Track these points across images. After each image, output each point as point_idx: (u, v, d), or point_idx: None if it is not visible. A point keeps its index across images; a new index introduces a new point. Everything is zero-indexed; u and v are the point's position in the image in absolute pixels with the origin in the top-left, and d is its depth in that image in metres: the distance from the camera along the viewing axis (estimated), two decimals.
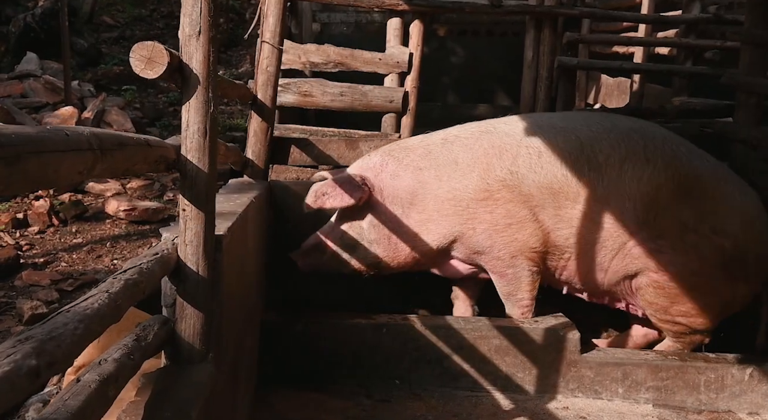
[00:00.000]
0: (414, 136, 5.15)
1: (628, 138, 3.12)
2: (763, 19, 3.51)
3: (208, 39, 1.83)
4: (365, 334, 3.42)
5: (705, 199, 3.08)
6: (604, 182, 3.05)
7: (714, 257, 3.08)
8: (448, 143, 3.33)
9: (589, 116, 3.45)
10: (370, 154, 3.46)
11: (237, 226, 2.42)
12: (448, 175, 3.23)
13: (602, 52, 7.13)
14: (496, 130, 3.30)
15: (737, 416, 3.14)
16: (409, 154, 3.34)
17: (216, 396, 2.00)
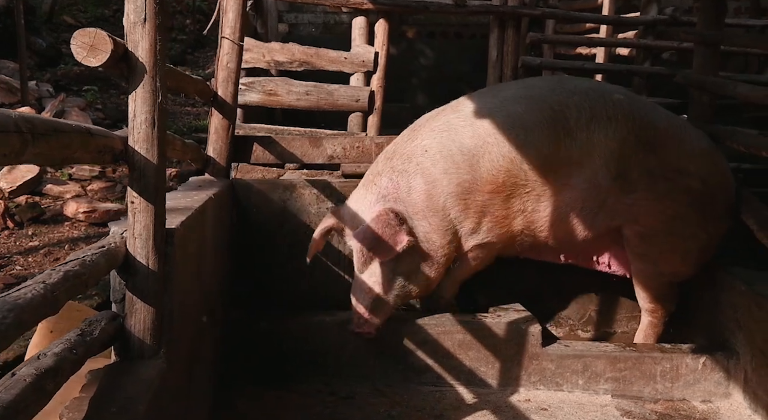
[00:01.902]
0: (382, 134, 5.20)
1: (589, 98, 3.17)
2: (713, 21, 3.59)
3: (155, 26, 1.80)
4: (330, 331, 3.41)
5: (665, 145, 3.17)
6: (578, 145, 3.10)
7: (686, 198, 3.19)
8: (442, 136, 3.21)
9: (548, 82, 3.42)
10: (376, 177, 3.20)
11: (192, 221, 2.38)
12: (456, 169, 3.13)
13: (567, 52, 7.22)
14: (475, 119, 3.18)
15: (691, 404, 3.19)
16: (411, 159, 3.16)
17: (167, 392, 1.95)
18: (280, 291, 3.78)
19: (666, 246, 3.25)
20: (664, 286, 3.38)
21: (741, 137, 3.28)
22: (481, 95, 3.33)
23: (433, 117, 3.26)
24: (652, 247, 3.25)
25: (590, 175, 3.10)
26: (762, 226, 3.05)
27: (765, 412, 2.94)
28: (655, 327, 3.45)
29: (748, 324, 3.08)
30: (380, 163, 3.23)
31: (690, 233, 3.25)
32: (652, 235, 3.22)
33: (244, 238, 3.75)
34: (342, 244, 3.84)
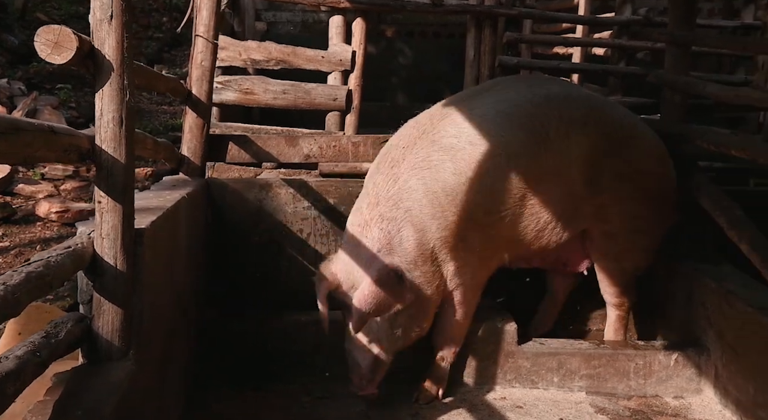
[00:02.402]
0: (358, 133, 5.19)
1: (565, 104, 3.14)
2: (684, 21, 3.62)
3: (122, 23, 1.78)
4: (306, 331, 3.39)
5: (628, 146, 3.21)
6: (557, 157, 3.07)
7: (646, 197, 3.28)
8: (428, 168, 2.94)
9: (521, 89, 3.20)
10: (365, 229, 2.90)
11: (163, 221, 2.35)
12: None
13: (544, 52, 7.27)
14: (468, 144, 2.96)
15: (664, 400, 3.22)
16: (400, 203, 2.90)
17: (137, 394, 1.93)
18: (255, 290, 3.76)
19: (629, 244, 3.31)
20: (628, 281, 3.43)
21: (711, 136, 3.31)
22: (455, 113, 3.04)
23: (409, 148, 2.96)
24: (617, 246, 3.30)
25: (568, 184, 3.11)
26: (732, 224, 3.09)
27: (735, 407, 2.98)
28: (622, 320, 3.50)
29: (718, 321, 3.11)
30: (365, 211, 2.91)
31: (650, 230, 3.34)
32: (617, 234, 3.27)
33: (220, 237, 3.72)
34: (319, 244, 3.83)
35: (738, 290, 3.03)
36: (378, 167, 3.01)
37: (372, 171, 3.06)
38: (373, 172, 3.03)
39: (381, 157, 3.06)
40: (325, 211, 3.82)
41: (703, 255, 3.48)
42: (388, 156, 3.00)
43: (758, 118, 5.70)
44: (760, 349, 2.80)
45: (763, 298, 2.91)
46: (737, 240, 3.05)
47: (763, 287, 2.98)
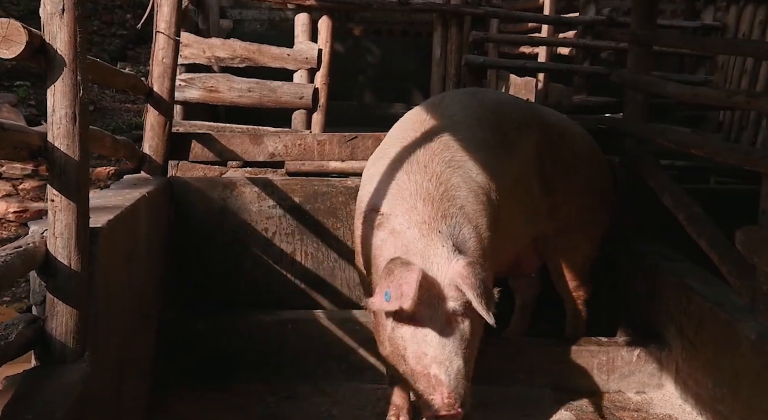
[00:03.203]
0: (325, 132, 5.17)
1: (516, 108, 3.23)
2: (646, 21, 3.68)
3: (74, 18, 1.74)
4: (270, 330, 3.37)
5: (566, 142, 3.31)
6: (518, 160, 3.09)
7: (592, 187, 3.37)
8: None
9: (475, 98, 3.16)
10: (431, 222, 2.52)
11: (121, 220, 2.31)
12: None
13: (511, 52, 7.32)
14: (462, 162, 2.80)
15: (626, 395, 3.26)
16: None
17: (92, 397, 1.89)
18: (219, 290, 3.73)
19: (579, 236, 3.37)
20: (582, 274, 3.47)
21: (671, 135, 3.37)
22: (437, 119, 2.91)
23: (430, 149, 2.75)
24: (569, 241, 3.35)
25: (528, 186, 3.15)
26: (691, 221, 3.14)
27: (694, 402, 3.03)
28: (581, 313, 3.52)
29: (679, 316, 3.16)
30: (423, 209, 2.56)
31: (598, 220, 3.42)
32: (569, 229, 3.32)
33: (183, 237, 3.68)
34: (284, 243, 3.81)
35: (697, 286, 3.07)
36: (404, 167, 2.68)
37: (391, 171, 2.71)
38: (401, 173, 2.67)
39: (397, 160, 2.73)
40: (290, 210, 3.80)
41: (665, 252, 3.53)
42: (409, 158, 2.71)
43: (718, 117, 5.81)
44: (718, 344, 2.85)
45: (720, 294, 2.96)
46: (696, 237, 3.10)
47: (721, 283, 3.03)
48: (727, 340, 2.77)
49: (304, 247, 3.82)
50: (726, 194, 4.12)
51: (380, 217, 2.58)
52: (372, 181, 2.76)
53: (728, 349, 2.76)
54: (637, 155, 3.67)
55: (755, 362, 2.58)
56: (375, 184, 2.72)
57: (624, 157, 3.80)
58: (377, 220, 2.58)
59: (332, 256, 3.81)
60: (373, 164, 2.88)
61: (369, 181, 2.80)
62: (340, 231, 3.80)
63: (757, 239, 2.62)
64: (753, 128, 5.35)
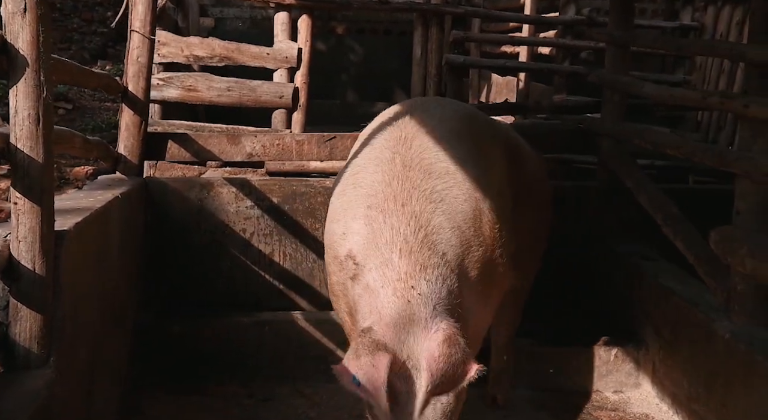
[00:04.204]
0: (307, 131, 5.14)
1: (482, 121, 2.95)
2: (623, 22, 3.68)
3: (36, 17, 1.70)
4: (247, 332, 3.35)
5: (522, 155, 3.04)
6: (495, 177, 2.74)
7: (542, 201, 3.11)
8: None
9: (447, 108, 2.84)
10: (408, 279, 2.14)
11: (90, 222, 2.28)
12: None
13: (492, 51, 7.34)
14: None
15: (604, 395, 3.27)
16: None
17: (58, 403, 1.86)
18: (197, 292, 3.69)
19: (532, 255, 3.05)
20: (524, 299, 3.15)
21: (648, 135, 3.37)
22: (419, 135, 2.55)
23: (408, 180, 2.39)
24: (523, 260, 2.94)
25: (507, 203, 2.77)
26: (668, 221, 3.15)
27: (671, 401, 3.04)
28: (513, 342, 3.19)
29: (656, 316, 3.17)
30: (400, 263, 2.21)
31: (545, 236, 3.14)
32: (525, 247, 2.93)
33: (160, 238, 3.64)
34: (263, 244, 3.78)
35: (674, 286, 3.08)
36: (378, 205, 2.31)
37: (363, 209, 2.32)
38: (375, 213, 2.29)
39: (370, 192, 2.36)
40: (268, 211, 3.77)
41: (643, 252, 3.54)
42: (384, 193, 2.34)
43: (696, 117, 5.85)
44: (694, 343, 2.86)
45: (696, 294, 2.97)
46: (672, 237, 3.11)
47: (697, 283, 3.04)
48: (702, 339, 2.79)
49: (283, 247, 3.80)
50: (704, 194, 4.13)
51: (355, 267, 2.21)
52: (344, 217, 2.37)
53: (703, 349, 2.78)
54: (615, 155, 3.68)
55: (729, 361, 2.59)
56: (348, 223, 2.33)
57: (602, 157, 3.80)
58: (353, 270, 2.22)
59: (311, 257, 3.79)
60: (343, 193, 2.45)
61: (341, 214, 2.40)
62: (318, 231, 3.78)
63: (731, 239, 2.63)
64: (731, 128, 5.40)
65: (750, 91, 2.65)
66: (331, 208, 2.48)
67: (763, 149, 2.58)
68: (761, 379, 2.39)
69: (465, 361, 2.00)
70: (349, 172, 2.52)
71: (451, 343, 1.98)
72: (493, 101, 7.08)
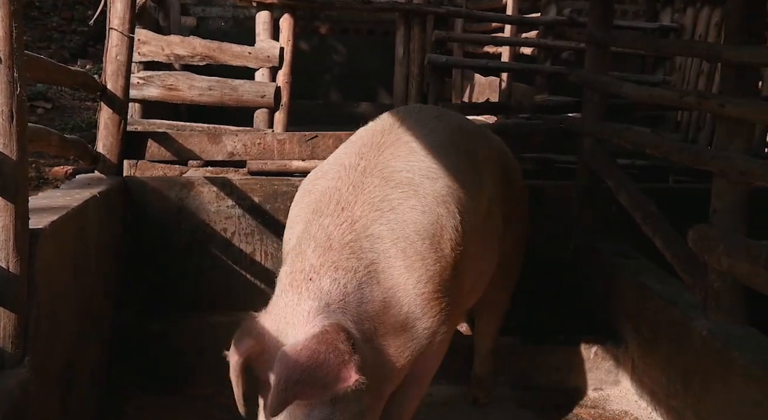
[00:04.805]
0: (289, 131, 5.12)
1: (480, 142, 2.79)
2: (602, 22, 3.71)
3: (9, 13, 1.68)
4: (228, 332, 3.31)
5: (513, 172, 2.95)
6: (488, 194, 2.62)
7: (525, 215, 3.01)
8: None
9: (441, 129, 2.59)
10: (312, 273, 1.99)
11: (66, 221, 2.26)
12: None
13: (474, 51, 7.36)
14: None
15: (584, 392, 3.28)
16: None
17: (32, 403, 1.84)
18: (177, 292, 3.66)
19: (513, 270, 3.01)
20: (506, 309, 3.11)
21: (627, 135, 3.40)
22: (392, 145, 2.39)
23: (359, 187, 2.24)
24: (505, 275, 2.93)
25: (496, 223, 2.67)
26: (647, 220, 3.17)
27: (650, 398, 3.07)
28: (495, 350, 3.19)
29: (635, 314, 3.20)
30: (311, 256, 2.06)
31: (524, 249, 3.06)
32: (508, 263, 2.91)
33: (139, 237, 3.61)
34: (244, 243, 3.76)
35: (652, 285, 3.11)
36: (319, 209, 2.19)
37: (308, 214, 2.22)
38: (313, 215, 2.18)
39: (318, 198, 2.24)
40: (250, 210, 3.75)
41: (623, 251, 3.56)
42: (330, 197, 2.21)
43: (676, 117, 5.91)
44: (672, 341, 2.89)
45: (675, 292, 3.00)
46: (651, 235, 3.14)
47: (675, 281, 3.07)
48: (680, 337, 2.81)
49: (264, 247, 3.78)
50: (682, 193, 4.17)
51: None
52: (291, 226, 2.28)
53: (681, 346, 2.80)
54: (596, 155, 3.70)
55: (706, 358, 2.62)
56: (292, 229, 2.25)
57: (582, 156, 3.83)
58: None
59: None
60: (299, 201, 2.35)
61: (290, 224, 2.30)
62: None
63: (708, 238, 2.66)
64: (710, 128, 5.46)
65: (726, 91, 2.68)
66: (289, 215, 2.37)
67: (739, 148, 2.61)
68: (737, 376, 2.42)
69: (340, 365, 1.78)
70: (312, 177, 2.41)
71: (322, 341, 1.78)
72: (475, 101, 7.11)
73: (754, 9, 2.61)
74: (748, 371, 2.36)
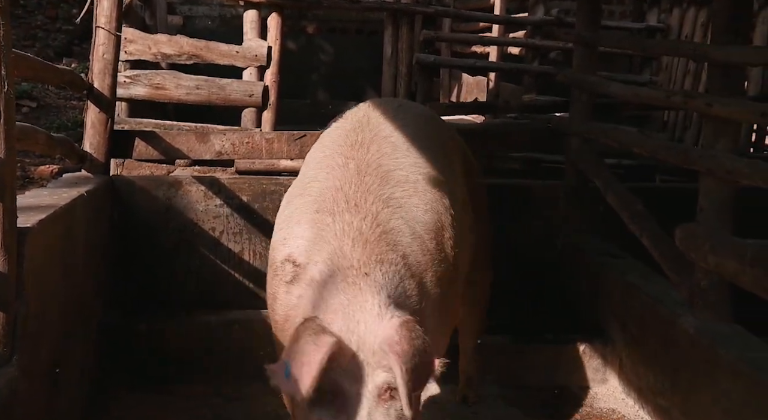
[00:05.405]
0: (276, 130, 5.11)
1: (446, 131, 2.77)
2: (589, 22, 3.74)
3: None
4: (216, 331, 3.32)
5: (464, 146, 2.87)
6: (459, 178, 2.61)
7: (486, 205, 2.96)
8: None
9: (411, 118, 2.55)
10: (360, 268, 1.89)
11: (54, 220, 2.24)
12: None
13: (462, 51, 7.38)
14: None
15: (571, 390, 3.29)
16: None
17: (20, 402, 1.83)
18: (165, 291, 3.65)
19: (485, 264, 2.96)
20: (487, 306, 3.08)
21: (614, 134, 3.43)
22: (375, 142, 2.32)
23: (363, 185, 2.17)
24: (479, 271, 2.87)
25: (469, 214, 2.62)
26: (634, 219, 3.20)
27: (637, 395, 3.09)
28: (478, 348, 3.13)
29: (622, 312, 3.22)
30: (352, 253, 1.97)
31: (492, 241, 3.01)
32: (479, 256, 2.82)
33: (127, 237, 3.60)
34: (232, 242, 3.75)
35: (639, 283, 3.13)
36: (326, 208, 2.08)
37: (310, 214, 2.10)
38: (321, 215, 2.07)
39: (318, 198, 2.14)
40: (238, 209, 3.74)
41: (610, 250, 3.59)
42: (334, 196, 2.11)
43: (663, 117, 5.96)
44: (659, 339, 2.91)
45: (661, 290, 3.02)
46: (638, 234, 3.16)
47: (662, 280, 3.09)
48: (667, 335, 2.83)
49: (253, 246, 3.77)
50: (669, 192, 4.21)
51: (294, 269, 1.99)
52: (288, 225, 2.15)
53: (668, 344, 2.82)
54: (583, 155, 3.73)
55: (693, 356, 2.64)
56: (291, 229, 2.12)
57: (570, 156, 3.85)
58: (291, 274, 1.99)
59: None
60: (289, 203, 2.24)
61: (284, 223, 2.17)
62: None
63: (695, 236, 2.68)
64: (696, 128, 5.50)
65: (713, 90, 2.71)
66: (277, 220, 2.25)
67: (725, 148, 2.64)
68: (724, 373, 2.44)
69: (428, 349, 1.77)
70: (299, 182, 2.30)
71: (410, 328, 1.74)
72: (463, 100, 7.13)
73: (740, 9, 2.64)
74: (735, 369, 2.38)
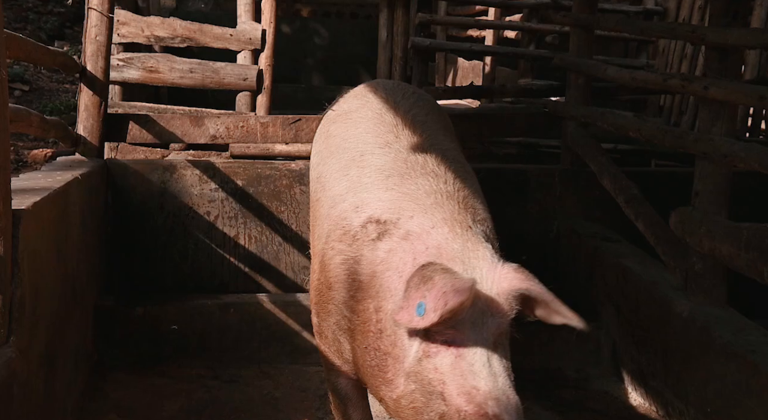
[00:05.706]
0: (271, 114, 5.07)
1: (440, 107, 2.79)
2: (586, 5, 3.72)
3: None
4: (212, 314, 3.33)
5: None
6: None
7: None
8: None
9: (419, 98, 2.60)
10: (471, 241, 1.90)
11: (49, 202, 2.23)
12: None
13: (458, 35, 7.34)
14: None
15: (565, 373, 3.31)
16: None
17: (18, 383, 1.83)
18: (161, 274, 3.65)
19: None
20: None
21: (610, 118, 3.42)
22: (397, 119, 2.38)
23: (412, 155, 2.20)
24: None
25: None
26: (629, 203, 3.20)
27: (630, 378, 3.11)
28: None
29: (616, 296, 3.23)
30: (463, 232, 1.94)
31: None
32: None
33: (122, 220, 3.59)
34: (227, 226, 3.75)
35: (633, 266, 3.14)
36: (398, 174, 2.10)
37: (379, 180, 2.12)
38: (393, 180, 2.09)
39: (384, 166, 2.16)
40: (233, 193, 3.74)
41: (605, 233, 3.60)
42: (402, 166, 2.13)
43: (659, 101, 5.95)
44: (652, 322, 2.93)
45: (656, 274, 3.03)
46: (633, 218, 3.17)
47: (656, 263, 3.11)
48: (660, 318, 2.85)
49: (248, 230, 3.77)
50: (665, 177, 4.21)
51: (380, 226, 1.97)
52: (354, 195, 2.12)
53: (662, 327, 2.84)
54: (579, 139, 3.72)
55: (686, 339, 2.66)
56: (360, 197, 2.10)
57: (566, 140, 3.85)
58: (376, 232, 1.96)
59: (276, 240, 3.78)
60: (345, 175, 2.22)
61: (347, 195, 2.15)
62: (284, 214, 3.77)
63: (690, 220, 2.69)
64: (692, 112, 5.50)
65: (710, 73, 2.71)
66: (329, 195, 2.23)
67: (722, 131, 2.64)
68: (716, 356, 2.46)
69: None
70: (348, 159, 2.26)
71: (525, 270, 1.86)
72: (459, 85, 7.10)
73: None
74: (728, 351, 2.40)
